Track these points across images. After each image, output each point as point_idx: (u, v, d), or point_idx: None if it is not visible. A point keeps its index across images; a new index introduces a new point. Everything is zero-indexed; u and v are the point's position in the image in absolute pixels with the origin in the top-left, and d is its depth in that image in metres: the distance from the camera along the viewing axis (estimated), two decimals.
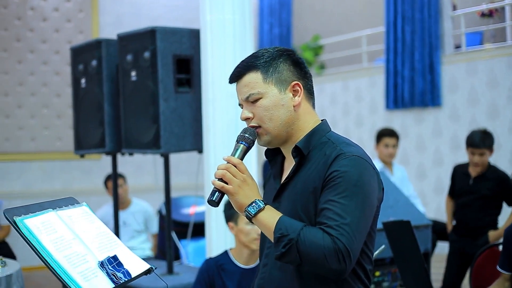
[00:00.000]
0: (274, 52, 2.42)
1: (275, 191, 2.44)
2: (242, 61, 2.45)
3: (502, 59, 8.65)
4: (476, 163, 6.15)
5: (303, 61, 2.46)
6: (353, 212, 2.18)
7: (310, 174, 2.32)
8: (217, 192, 2.31)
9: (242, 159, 2.36)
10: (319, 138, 2.39)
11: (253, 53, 2.45)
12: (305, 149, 2.36)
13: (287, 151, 2.46)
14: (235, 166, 2.31)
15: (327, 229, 2.15)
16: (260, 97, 2.37)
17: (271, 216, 2.25)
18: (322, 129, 2.42)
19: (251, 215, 2.28)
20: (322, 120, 2.47)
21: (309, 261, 2.16)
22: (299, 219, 2.27)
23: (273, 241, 2.24)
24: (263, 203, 2.28)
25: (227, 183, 2.30)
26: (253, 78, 2.38)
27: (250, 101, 2.39)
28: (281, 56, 2.41)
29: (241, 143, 2.38)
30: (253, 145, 2.40)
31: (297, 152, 2.37)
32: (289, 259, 2.19)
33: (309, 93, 2.45)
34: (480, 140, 6.11)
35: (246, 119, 2.42)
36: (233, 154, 2.36)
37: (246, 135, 2.38)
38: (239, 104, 2.46)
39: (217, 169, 2.32)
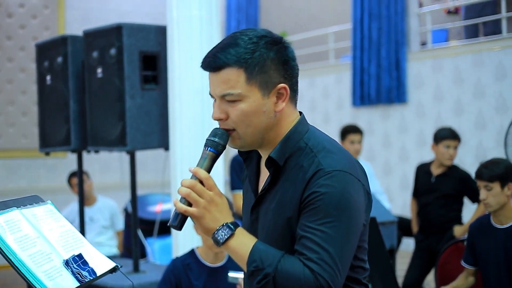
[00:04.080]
0: (261, 44, 2.03)
1: (252, 199, 2.18)
2: (222, 47, 2.05)
3: (467, 56, 8.72)
4: (451, 155, 6.13)
5: (292, 55, 2.09)
6: (336, 241, 1.91)
7: (286, 192, 2.04)
8: (179, 215, 2.00)
9: (211, 168, 2.05)
10: (295, 143, 2.07)
11: (233, 39, 2.05)
12: (280, 159, 2.06)
13: (263, 152, 2.16)
14: (202, 182, 1.99)
15: (307, 263, 1.89)
16: (240, 99, 2.02)
17: (243, 244, 1.97)
18: (298, 131, 2.10)
19: (219, 243, 1.98)
20: (299, 116, 2.16)
21: None
22: (279, 236, 2.04)
23: (246, 273, 1.97)
24: (233, 227, 1.98)
25: (191, 204, 1.99)
26: (234, 76, 2.01)
27: (227, 100, 2.04)
28: (269, 52, 2.04)
29: (209, 150, 2.05)
30: (223, 150, 2.07)
31: (271, 163, 2.07)
32: None
33: (294, 91, 2.11)
34: (454, 132, 6.14)
35: (219, 120, 2.07)
36: (201, 164, 2.04)
37: (216, 139, 2.05)
38: (210, 95, 2.10)
39: (181, 185, 1.99)
